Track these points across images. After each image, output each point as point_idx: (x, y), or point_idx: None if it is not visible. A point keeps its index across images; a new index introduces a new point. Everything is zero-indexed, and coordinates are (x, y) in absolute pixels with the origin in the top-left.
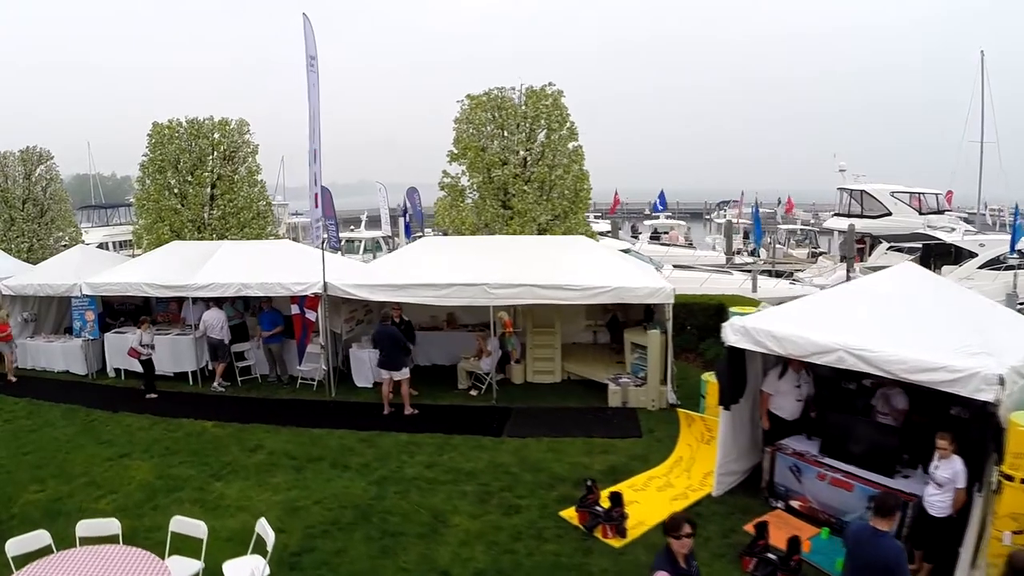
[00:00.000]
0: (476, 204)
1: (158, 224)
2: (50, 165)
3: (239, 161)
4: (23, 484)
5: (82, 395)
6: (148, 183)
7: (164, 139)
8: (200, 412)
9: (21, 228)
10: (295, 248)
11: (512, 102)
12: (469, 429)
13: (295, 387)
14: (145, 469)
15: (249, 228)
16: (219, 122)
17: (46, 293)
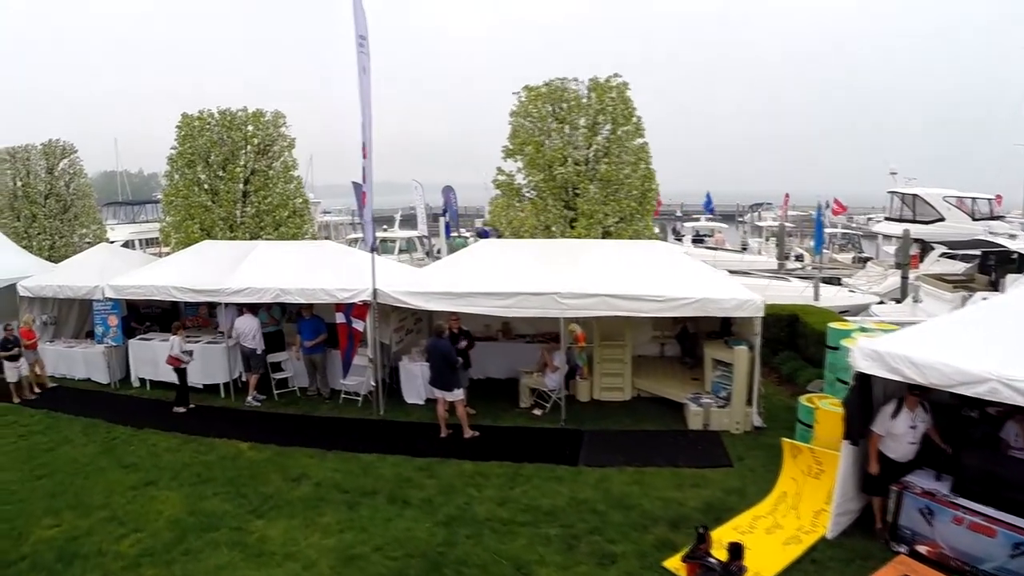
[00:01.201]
0: (535, 204)
1: (187, 222)
2: (74, 159)
3: (274, 156)
4: (36, 517)
5: (104, 407)
6: (177, 178)
7: (194, 131)
8: (234, 430)
9: (43, 225)
10: (338, 250)
11: (576, 94)
12: (540, 456)
13: (338, 402)
14: (174, 501)
15: (285, 227)
16: (253, 114)
17: (66, 295)
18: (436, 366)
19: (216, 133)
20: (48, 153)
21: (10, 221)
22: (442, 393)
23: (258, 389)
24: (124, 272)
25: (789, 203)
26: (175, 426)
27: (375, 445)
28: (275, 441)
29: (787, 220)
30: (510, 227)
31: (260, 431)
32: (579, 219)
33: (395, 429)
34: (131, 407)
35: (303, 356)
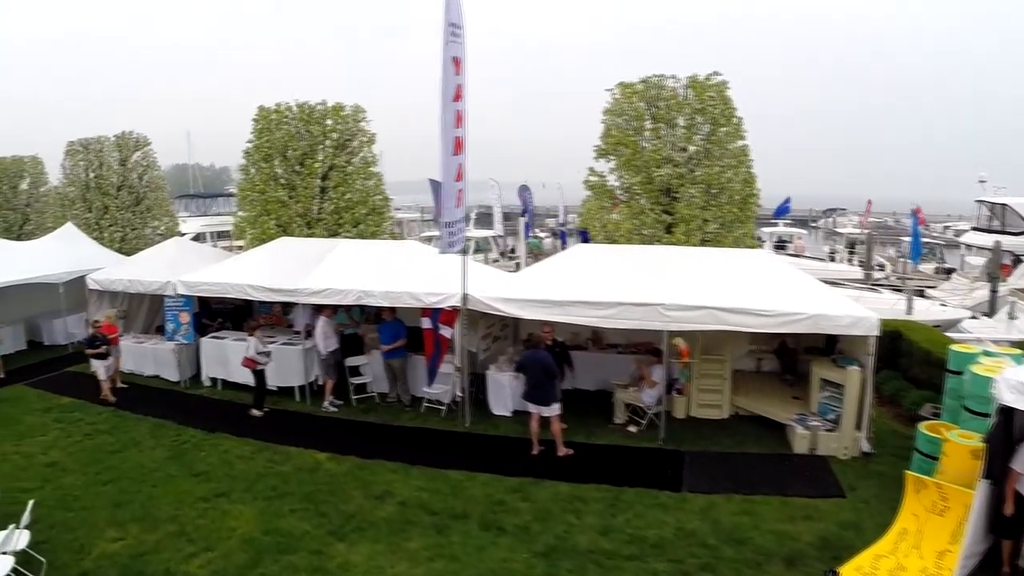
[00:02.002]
0: (632, 207)
1: (263, 217)
2: (147, 151)
3: (353, 151)
4: (99, 528)
5: (174, 407)
6: (253, 172)
7: (271, 125)
8: (311, 439)
9: (114, 216)
10: (423, 251)
11: (673, 92)
12: (640, 479)
13: (419, 411)
14: (248, 517)
15: (364, 225)
16: (332, 107)
17: (136, 290)
18: (534, 379)
19: (294, 127)
20: (121, 145)
21: (82, 212)
22: (538, 408)
23: (335, 394)
24: (196, 267)
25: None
26: (248, 431)
27: (462, 461)
28: (355, 452)
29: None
30: (603, 231)
31: (338, 440)
32: (678, 224)
33: (482, 443)
34: (202, 408)
35: (383, 362)
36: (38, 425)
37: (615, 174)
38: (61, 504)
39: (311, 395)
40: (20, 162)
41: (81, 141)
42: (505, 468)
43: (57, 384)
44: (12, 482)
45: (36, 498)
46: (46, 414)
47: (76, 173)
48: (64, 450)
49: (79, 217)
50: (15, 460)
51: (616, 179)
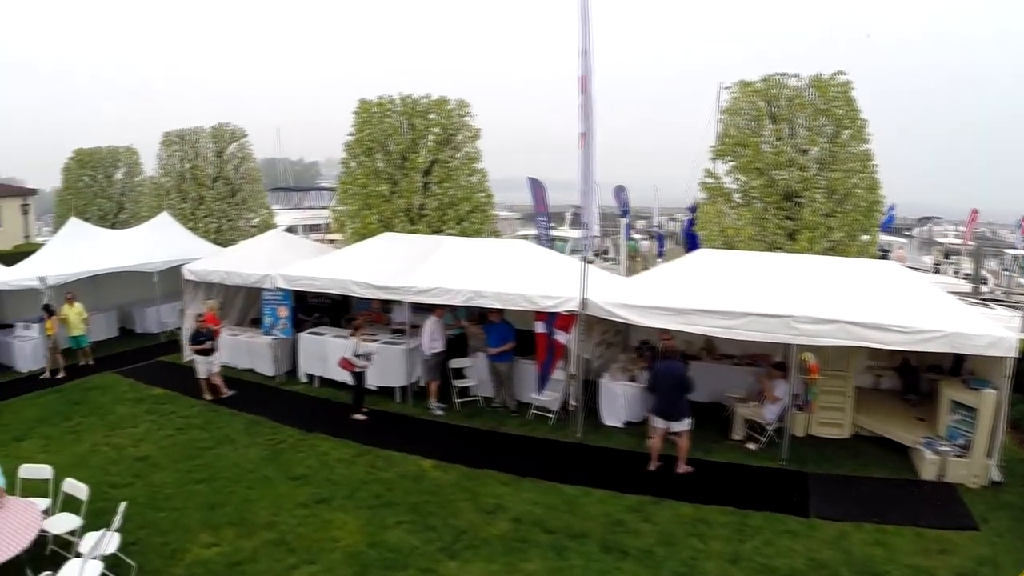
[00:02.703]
0: (754, 212)
1: (364, 212)
2: (243, 143)
3: (457, 146)
4: (192, 531)
5: (269, 404)
6: (354, 166)
7: (373, 118)
8: (414, 443)
9: (210, 207)
10: (535, 251)
11: (796, 91)
12: (766, 502)
13: (526, 418)
14: (351, 528)
15: (467, 222)
16: (436, 101)
17: (233, 282)
18: (667, 392)
19: (396, 120)
20: (217, 136)
21: (177, 203)
22: (668, 423)
23: (438, 397)
24: (295, 261)
25: (953, 219)
26: (347, 432)
27: (576, 474)
28: (462, 460)
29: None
30: (722, 236)
31: (444, 446)
32: (801, 231)
33: (595, 456)
34: (298, 406)
35: (488, 365)
36: (129, 416)
37: (731, 176)
38: (152, 502)
39: (412, 396)
40: (115, 152)
41: (177, 132)
42: (622, 484)
43: (149, 374)
44: (102, 476)
45: (126, 495)
46: (137, 404)
47: (172, 164)
48: (156, 444)
49: (174, 207)
50: (105, 452)
51: (732, 181)
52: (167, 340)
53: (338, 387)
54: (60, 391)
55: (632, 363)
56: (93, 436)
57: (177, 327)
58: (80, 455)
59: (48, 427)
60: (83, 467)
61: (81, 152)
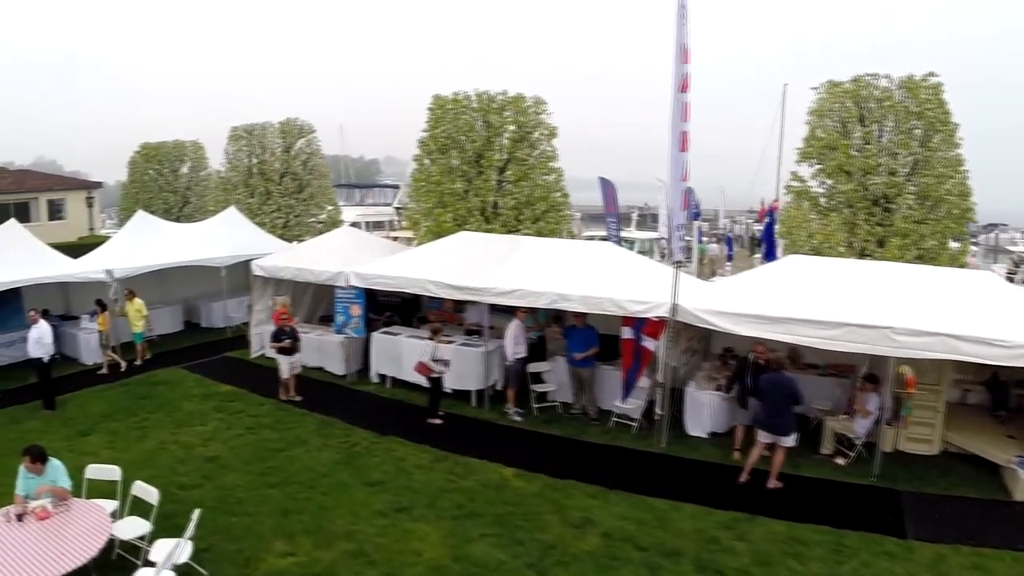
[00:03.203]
0: (844, 217)
1: (438, 210)
2: (311, 139)
3: (534, 144)
4: (266, 539)
5: (340, 404)
6: (428, 163)
7: (448, 114)
8: (493, 450)
9: (277, 203)
10: (618, 253)
11: (888, 93)
12: (860, 521)
13: (607, 426)
14: (433, 539)
15: (543, 222)
16: (512, 98)
17: (305, 279)
18: (775, 405)
19: (472, 117)
20: (285, 132)
21: (244, 197)
22: (774, 437)
23: (517, 402)
24: (368, 258)
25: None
26: (423, 436)
27: (663, 487)
28: (545, 470)
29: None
30: (809, 242)
31: (525, 454)
32: (891, 238)
33: (681, 468)
34: (371, 407)
35: (569, 370)
36: (197, 413)
37: (817, 179)
38: (223, 506)
39: (489, 400)
40: (181, 146)
41: (245, 127)
42: (712, 498)
43: (216, 370)
44: (170, 476)
45: (196, 497)
46: (205, 401)
47: (239, 158)
48: (225, 444)
49: (241, 202)
50: (173, 451)
51: (818, 184)
52: (233, 335)
53: (411, 388)
54: (126, 385)
55: (717, 371)
56: (160, 433)
57: (243, 322)
58: (147, 453)
59: (114, 422)
60: (150, 466)
61: (147, 146)
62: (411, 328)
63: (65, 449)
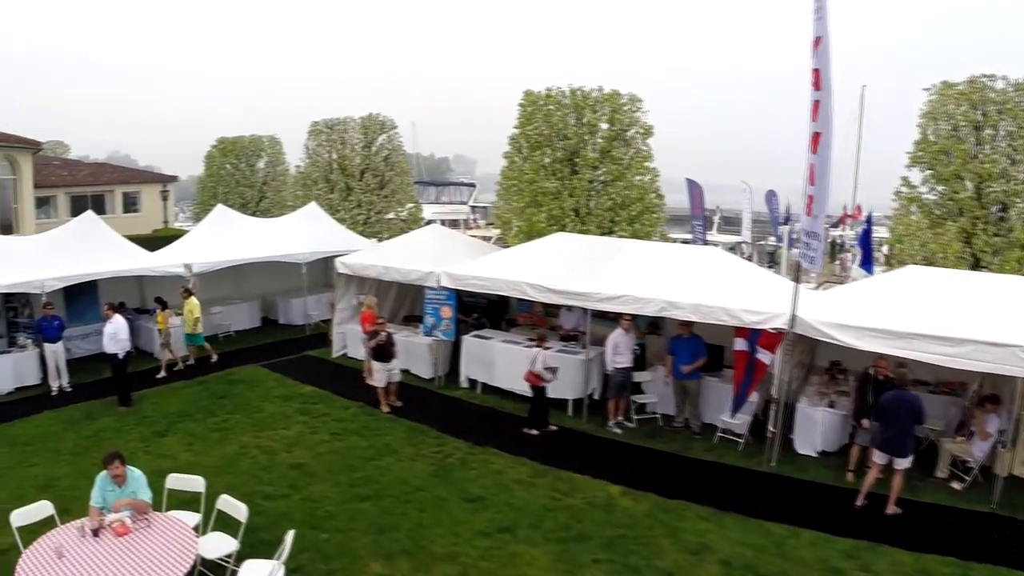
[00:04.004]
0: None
1: (531, 209)
2: (392, 135)
3: (629, 142)
4: (362, 558)
5: (430, 410)
6: (519, 160)
7: (541, 111)
8: (596, 465)
9: (358, 199)
10: (725, 259)
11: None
12: (985, 553)
13: (712, 441)
14: (543, 564)
15: (639, 224)
16: (608, 95)
17: (392, 278)
18: (899, 425)
19: (565, 114)
20: (366, 127)
21: (324, 193)
22: (890, 458)
23: (617, 414)
24: (459, 258)
25: None
26: (520, 448)
27: (777, 510)
28: (653, 488)
29: None
30: (922, 251)
31: (629, 470)
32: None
33: (792, 489)
34: (462, 414)
35: (674, 381)
36: (279, 416)
37: (927, 185)
38: (311, 519)
39: (588, 411)
40: (258, 141)
41: (325, 121)
42: (829, 524)
43: (297, 369)
44: (254, 484)
45: (282, 509)
46: (287, 403)
47: (319, 153)
48: (311, 450)
49: (321, 198)
50: (256, 456)
51: (928, 190)
52: (312, 333)
53: (502, 395)
54: (204, 383)
55: (826, 386)
56: (241, 436)
57: (323, 320)
58: (228, 457)
59: (192, 422)
60: (231, 472)
61: (224, 141)
62: (501, 331)
63: (141, 451)
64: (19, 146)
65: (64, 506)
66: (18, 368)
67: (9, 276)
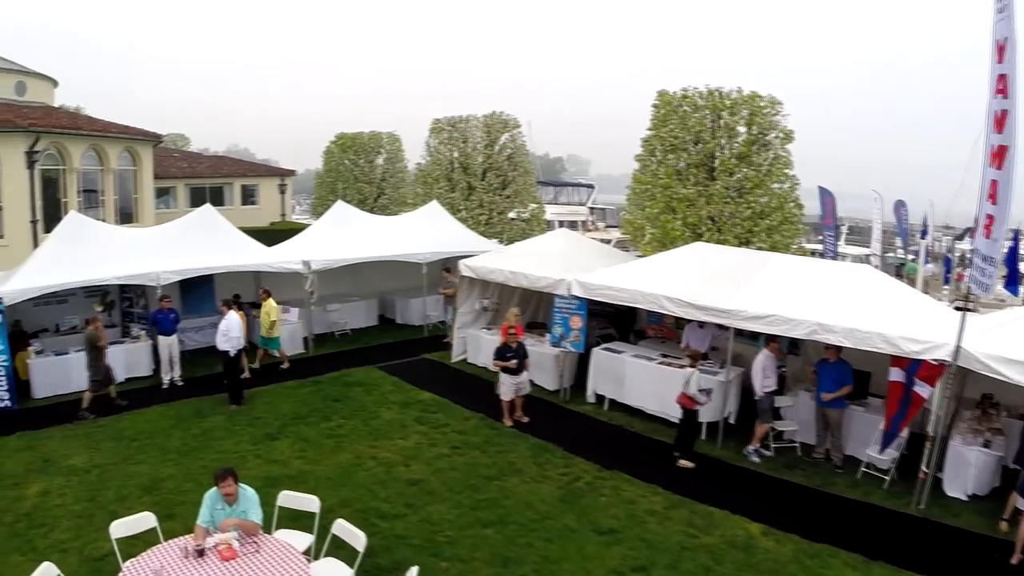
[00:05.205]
0: None
1: (665, 216)
2: (515, 134)
3: (769, 147)
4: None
5: (555, 426)
6: (654, 164)
7: (676, 112)
8: (734, 498)
9: (480, 198)
10: (879, 279)
11: None
12: None
13: (855, 476)
14: None
15: (778, 235)
16: (747, 96)
17: (519, 283)
18: None
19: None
20: (489, 126)
21: (445, 192)
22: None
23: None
24: (589, 265)
25: None
26: (652, 474)
27: (928, 561)
28: (796, 528)
29: None
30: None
31: (769, 506)
32: None
33: (943, 536)
34: (589, 432)
35: (816, 409)
36: (397, 424)
37: None
38: (430, 545)
39: (723, 435)
40: (378, 137)
41: (448, 119)
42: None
43: (415, 373)
44: (368, 500)
45: (398, 530)
46: (405, 410)
47: (441, 151)
48: (429, 465)
49: (442, 196)
50: (371, 468)
51: None
52: (431, 335)
53: (631, 413)
54: (318, 383)
55: (979, 422)
56: (356, 444)
57: (441, 320)
58: (342, 468)
59: (305, 426)
60: (346, 484)
61: (344, 137)
62: (630, 344)
63: (252, 454)
64: (140, 138)
65: (167, 511)
66: (130, 359)
67: (126, 267)
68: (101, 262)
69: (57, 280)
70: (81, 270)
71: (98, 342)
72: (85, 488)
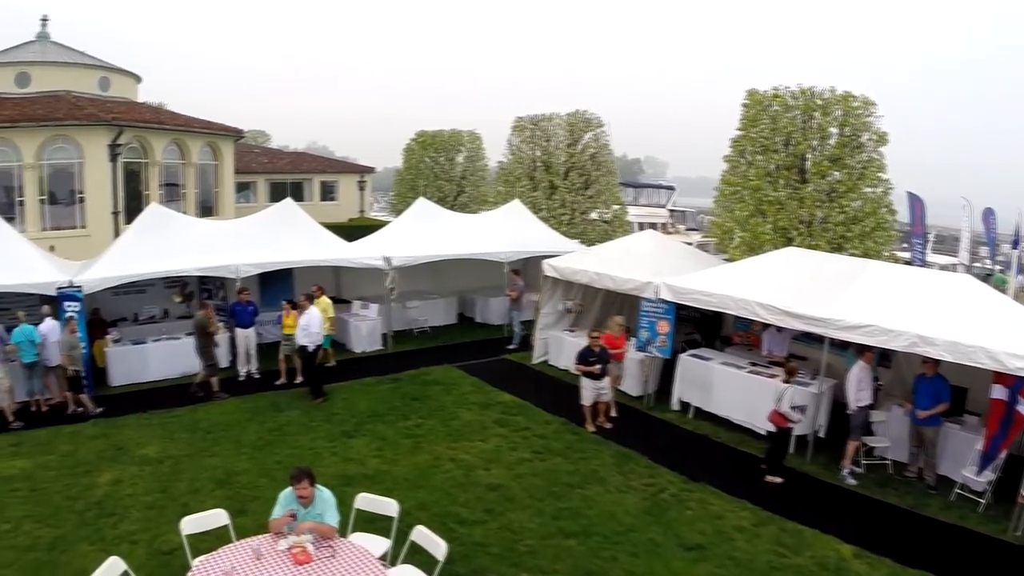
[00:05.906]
0: None
1: (754, 219)
2: (598, 133)
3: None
4: None
5: (639, 433)
6: (743, 166)
7: (767, 112)
8: (824, 517)
9: (563, 198)
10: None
11: None
12: None
13: (948, 498)
14: None
15: (871, 241)
16: (840, 96)
17: (604, 285)
18: None
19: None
20: (572, 124)
21: (527, 191)
22: None
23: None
24: (678, 268)
25: None
26: (740, 487)
27: None
28: (889, 552)
29: None
30: None
31: (861, 527)
32: None
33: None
34: (674, 442)
35: (910, 426)
36: (476, 426)
37: None
38: (511, 555)
39: (812, 450)
40: (458, 135)
41: (530, 118)
42: None
43: (495, 374)
44: (447, 504)
45: (477, 537)
46: (485, 412)
47: (523, 150)
48: (510, 469)
49: (524, 195)
50: (449, 470)
51: None
52: (510, 335)
53: (717, 423)
54: (396, 381)
55: None
56: (434, 445)
57: (522, 320)
58: (420, 469)
59: (382, 424)
60: (423, 486)
61: (424, 134)
62: (716, 351)
63: (328, 452)
64: (221, 133)
65: (240, 506)
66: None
67: (205, 259)
68: (181, 253)
69: (137, 270)
70: (161, 261)
71: (209, 327)
72: (157, 479)
